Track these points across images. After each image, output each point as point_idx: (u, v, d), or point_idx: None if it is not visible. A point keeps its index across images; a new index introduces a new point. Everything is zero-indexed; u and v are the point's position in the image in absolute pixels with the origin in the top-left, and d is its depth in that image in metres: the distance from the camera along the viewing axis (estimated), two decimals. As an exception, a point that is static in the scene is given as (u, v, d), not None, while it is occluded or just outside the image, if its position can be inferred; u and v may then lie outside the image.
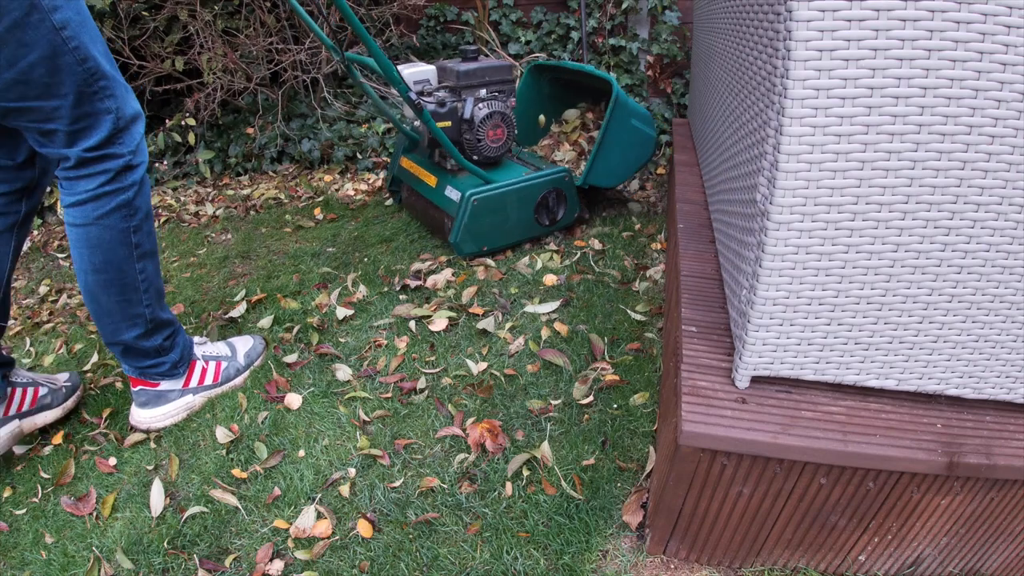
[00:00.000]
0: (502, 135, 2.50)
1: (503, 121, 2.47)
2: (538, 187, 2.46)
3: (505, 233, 2.50)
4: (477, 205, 2.32)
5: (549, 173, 2.50)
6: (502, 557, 1.36)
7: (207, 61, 3.23)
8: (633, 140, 2.62)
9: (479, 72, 2.37)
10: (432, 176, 2.56)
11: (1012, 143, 0.86)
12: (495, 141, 2.49)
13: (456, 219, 2.35)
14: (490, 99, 2.41)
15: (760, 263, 1.02)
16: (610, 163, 2.62)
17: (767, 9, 1.00)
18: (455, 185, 2.42)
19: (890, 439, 1.06)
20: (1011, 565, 1.24)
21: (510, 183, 2.40)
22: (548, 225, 2.59)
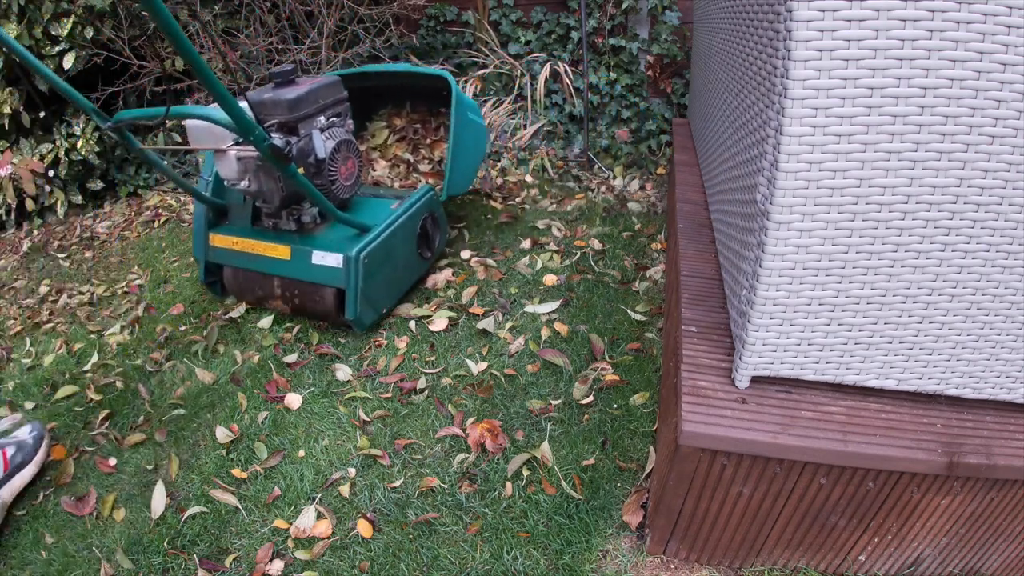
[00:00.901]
0: (354, 167, 2.13)
1: (351, 150, 2.11)
2: (416, 216, 2.16)
3: (396, 284, 2.16)
4: (369, 263, 1.94)
5: (419, 197, 2.19)
6: (502, 557, 1.36)
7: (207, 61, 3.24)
8: (475, 135, 2.43)
9: (312, 96, 1.94)
10: (279, 246, 2.04)
11: (1012, 143, 0.86)
12: (349, 177, 2.11)
13: (348, 289, 1.93)
14: (331, 127, 2.02)
15: (760, 263, 1.02)
16: (464, 166, 2.40)
17: (767, 9, 1.00)
18: (326, 247, 1.97)
19: (890, 439, 1.06)
20: (1011, 565, 1.24)
21: (389, 222, 2.05)
22: (428, 258, 2.31)
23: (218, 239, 2.17)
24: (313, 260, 1.98)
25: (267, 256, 2.08)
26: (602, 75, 3.47)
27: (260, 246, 2.08)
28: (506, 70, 3.60)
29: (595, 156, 3.39)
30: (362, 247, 1.93)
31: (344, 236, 2.02)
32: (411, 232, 2.15)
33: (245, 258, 2.13)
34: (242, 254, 2.13)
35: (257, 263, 2.11)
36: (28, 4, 2.86)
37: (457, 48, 3.85)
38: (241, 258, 2.14)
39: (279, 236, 2.09)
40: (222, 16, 3.31)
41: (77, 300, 2.59)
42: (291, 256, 2.02)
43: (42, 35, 2.93)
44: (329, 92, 2.02)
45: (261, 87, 2.05)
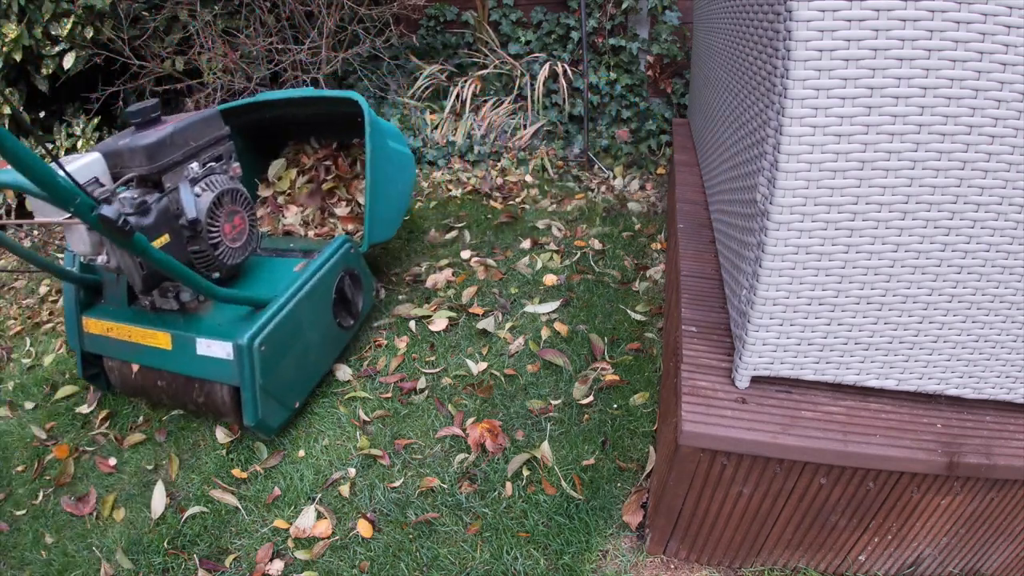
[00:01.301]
0: (243, 224, 1.71)
1: (238, 202, 1.69)
2: (330, 277, 1.77)
3: (310, 368, 1.76)
4: (268, 351, 1.53)
5: (331, 252, 1.79)
6: (502, 557, 1.36)
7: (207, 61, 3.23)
8: (399, 167, 2.07)
9: (179, 138, 1.55)
10: (159, 332, 1.63)
11: (1012, 143, 0.86)
12: (237, 237, 1.69)
13: (243, 387, 1.52)
14: (207, 175, 1.63)
15: (760, 263, 1.01)
16: (388, 206, 2.03)
17: (767, 9, 1.00)
18: (212, 332, 1.58)
19: (890, 439, 1.06)
20: (1011, 565, 1.24)
21: (292, 292, 1.64)
22: (351, 326, 1.92)
23: (92, 324, 1.73)
24: (198, 350, 1.56)
25: (145, 345, 1.64)
26: (602, 75, 3.47)
27: (137, 332, 1.64)
28: (506, 70, 3.60)
29: (595, 156, 3.39)
30: (256, 331, 1.51)
31: (237, 315, 1.63)
32: (324, 299, 1.75)
33: (123, 348, 1.70)
34: (119, 343, 1.70)
35: (136, 354, 1.68)
36: (28, 4, 2.86)
37: (457, 48, 3.85)
38: (119, 348, 1.71)
39: (159, 319, 1.66)
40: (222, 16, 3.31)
41: (77, 300, 2.58)
42: (172, 345, 1.60)
43: (42, 35, 2.93)
44: (203, 131, 1.64)
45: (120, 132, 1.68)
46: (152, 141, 1.49)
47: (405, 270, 2.48)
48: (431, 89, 3.71)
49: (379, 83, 3.74)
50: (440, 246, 2.66)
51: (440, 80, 3.71)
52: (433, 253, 2.60)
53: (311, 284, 1.71)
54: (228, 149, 1.77)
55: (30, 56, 2.97)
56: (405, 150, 2.13)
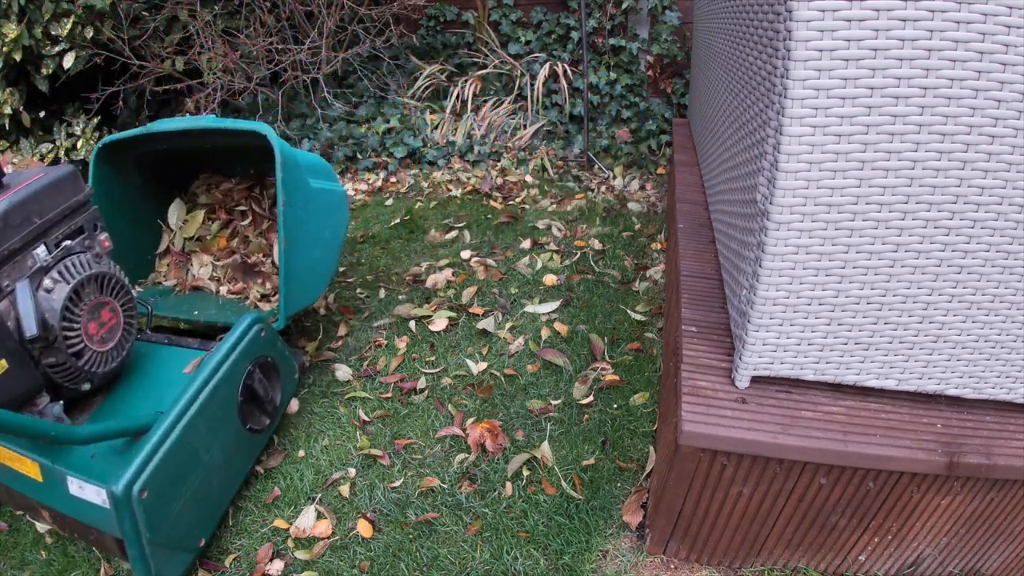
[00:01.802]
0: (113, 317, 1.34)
1: (106, 288, 1.34)
2: (233, 377, 1.40)
3: (216, 494, 1.40)
4: (151, 497, 1.18)
5: (233, 344, 1.41)
6: (502, 557, 1.36)
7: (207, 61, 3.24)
8: (325, 207, 1.70)
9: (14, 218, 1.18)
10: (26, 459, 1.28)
11: (1012, 143, 0.86)
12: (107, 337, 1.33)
13: (126, 543, 1.19)
14: (62, 259, 1.27)
15: (760, 263, 1.01)
16: (311, 262, 1.67)
17: (767, 9, 1.00)
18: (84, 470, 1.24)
19: (890, 439, 1.06)
20: (1011, 565, 1.24)
21: (181, 408, 1.28)
22: (268, 425, 1.53)
23: None
24: (71, 489, 1.23)
25: (13, 470, 1.31)
26: (602, 75, 3.47)
27: (3, 453, 1.30)
28: (506, 70, 3.60)
29: (595, 156, 3.39)
30: (134, 474, 1.15)
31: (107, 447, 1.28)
32: (226, 407, 1.38)
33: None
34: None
35: (7, 477, 1.34)
36: (28, 4, 2.86)
37: (457, 48, 3.85)
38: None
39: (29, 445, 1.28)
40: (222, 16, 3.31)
41: (77, 300, 2.58)
42: (42, 476, 1.26)
43: (42, 35, 2.93)
44: (52, 200, 1.26)
45: None
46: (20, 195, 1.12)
47: (405, 270, 2.48)
48: (431, 89, 3.71)
49: (379, 83, 3.74)
50: (440, 246, 2.66)
51: (440, 80, 3.71)
52: (433, 253, 2.60)
53: (207, 392, 1.32)
54: (91, 218, 1.37)
55: (30, 56, 2.97)
56: (334, 186, 1.73)
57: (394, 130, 3.56)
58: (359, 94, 3.80)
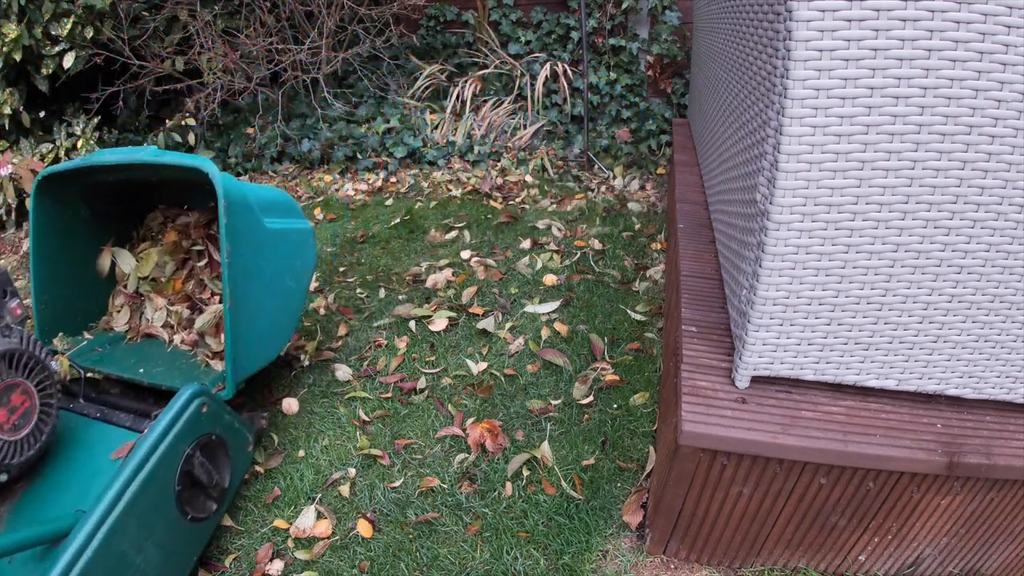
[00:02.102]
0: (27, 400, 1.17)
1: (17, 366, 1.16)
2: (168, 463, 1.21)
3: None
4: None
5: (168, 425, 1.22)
6: (502, 557, 1.36)
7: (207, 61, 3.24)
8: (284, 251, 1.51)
9: None
10: None
11: (1012, 143, 0.86)
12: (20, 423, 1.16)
13: None
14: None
15: (760, 263, 1.01)
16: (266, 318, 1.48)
17: (767, 9, 1.00)
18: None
19: (890, 439, 1.06)
20: (1011, 565, 1.24)
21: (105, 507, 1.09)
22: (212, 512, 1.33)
23: None
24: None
25: None
26: (602, 75, 3.47)
27: None
28: (506, 70, 3.60)
29: (595, 156, 3.39)
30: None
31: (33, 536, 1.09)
32: (162, 498, 1.20)
33: None
34: None
35: None
36: (28, 4, 2.86)
37: (457, 48, 3.85)
38: None
39: None
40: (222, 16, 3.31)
41: (77, 300, 2.58)
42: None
43: (42, 35, 2.93)
44: None
45: None
46: None
47: (405, 270, 2.48)
48: (431, 89, 3.71)
49: (379, 83, 3.74)
50: (440, 246, 2.66)
51: (440, 80, 3.71)
52: (433, 253, 2.60)
53: (136, 486, 1.12)
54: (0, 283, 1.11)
55: (30, 56, 2.97)
56: (296, 224, 1.50)
57: (394, 130, 3.56)
58: (359, 94, 3.80)
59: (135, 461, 1.14)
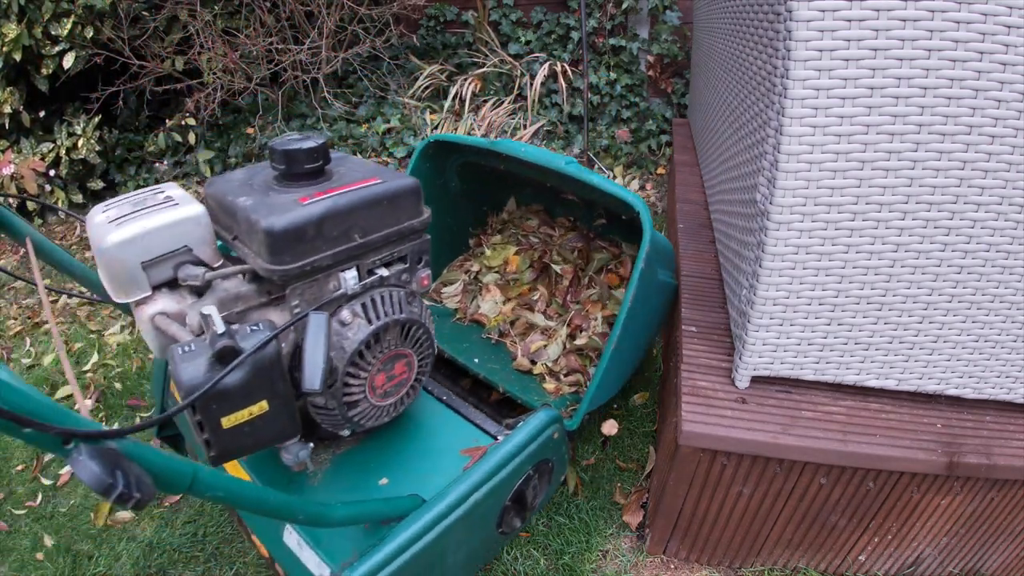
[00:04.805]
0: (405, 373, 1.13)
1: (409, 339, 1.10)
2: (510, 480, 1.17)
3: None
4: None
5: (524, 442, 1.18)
6: (502, 557, 1.36)
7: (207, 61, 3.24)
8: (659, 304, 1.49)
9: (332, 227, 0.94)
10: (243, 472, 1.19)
11: (1012, 143, 0.86)
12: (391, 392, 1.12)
13: None
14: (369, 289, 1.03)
15: (760, 263, 1.01)
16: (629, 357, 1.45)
17: (767, 9, 1.00)
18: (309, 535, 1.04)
19: (890, 439, 1.06)
20: (1011, 565, 1.24)
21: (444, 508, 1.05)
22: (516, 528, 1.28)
23: None
24: (284, 538, 1.07)
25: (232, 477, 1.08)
26: (602, 75, 3.47)
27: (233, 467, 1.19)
28: (506, 70, 3.60)
29: (595, 156, 3.39)
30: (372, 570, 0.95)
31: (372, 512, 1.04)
32: (492, 508, 1.17)
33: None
34: None
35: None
36: (28, 4, 2.86)
37: (457, 48, 3.85)
38: None
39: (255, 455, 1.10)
40: (222, 16, 3.31)
41: (77, 300, 2.59)
42: None
43: (42, 35, 2.93)
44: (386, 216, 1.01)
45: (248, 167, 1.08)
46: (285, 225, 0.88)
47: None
48: (431, 89, 3.71)
49: (379, 83, 3.74)
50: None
51: (440, 80, 3.71)
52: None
53: (480, 496, 1.09)
54: (419, 249, 1.08)
55: (30, 56, 2.98)
56: (671, 279, 1.47)
57: (394, 130, 3.56)
58: (359, 94, 3.80)
59: (486, 469, 1.11)
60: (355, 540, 1.01)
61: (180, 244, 0.91)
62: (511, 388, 1.44)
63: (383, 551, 0.96)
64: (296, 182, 0.98)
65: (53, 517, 1.56)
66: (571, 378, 1.50)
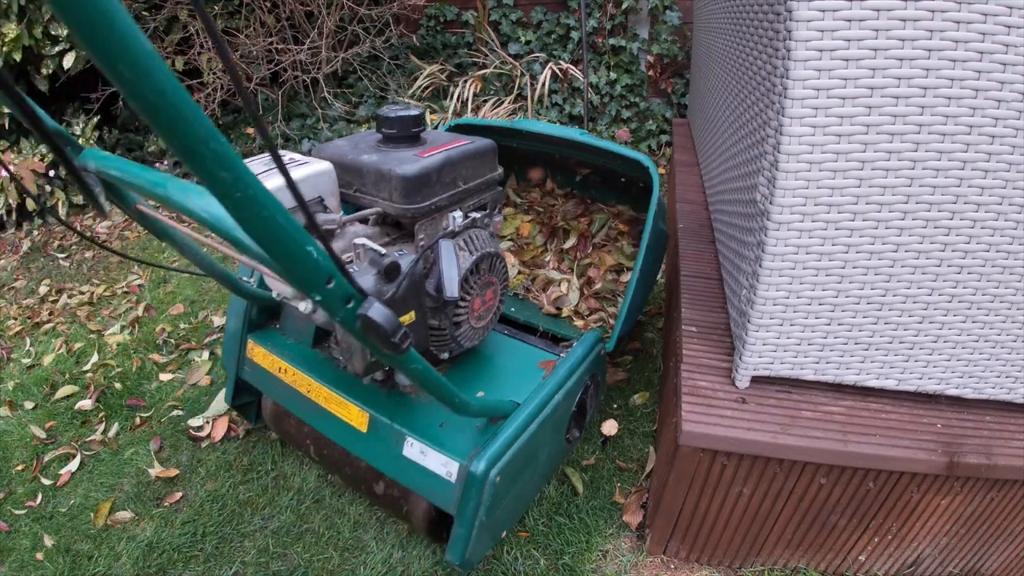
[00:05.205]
0: (493, 299, 1.35)
1: (495, 269, 1.32)
2: (575, 388, 1.38)
3: (528, 494, 1.38)
4: (501, 484, 1.15)
5: (583, 355, 1.40)
6: (502, 557, 1.36)
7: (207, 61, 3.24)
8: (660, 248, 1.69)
9: (447, 174, 1.18)
10: (352, 405, 1.28)
11: (1012, 143, 0.86)
12: (484, 315, 1.33)
13: (460, 519, 1.14)
14: (470, 228, 1.25)
15: (760, 263, 1.01)
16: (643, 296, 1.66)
17: (767, 9, 1.00)
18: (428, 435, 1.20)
19: (890, 439, 1.06)
20: (1011, 565, 1.24)
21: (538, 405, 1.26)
22: (576, 439, 1.49)
23: (259, 353, 1.43)
24: (405, 450, 1.20)
25: (329, 412, 1.31)
26: (602, 75, 3.47)
27: (321, 392, 1.31)
28: (506, 70, 3.60)
29: (595, 156, 3.39)
30: (495, 456, 1.13)
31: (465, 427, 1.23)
32: (564, 413, 1.36)
33: (294, 399, 1.37)
34: (292, 392, 1.37)
35: (313, 415, 1.34)
36: (28, 4, 2.86)
37: (457, 48, 3.85)
38: (289, 396, 1.38)
39: (352, 386, 1.30)
40: (222, 16, 3.31)
41: (77, 300, 2.59)
42: (368, 429, 1.25)
43: (42, 35, 2.93)
44: (477, 167, 1.25)
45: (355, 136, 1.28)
46: (416, 172, 1.09)
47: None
48: (431, 89, 3.71)
49: (379, 83, 3.74)
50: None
51: (440, 80, 3.71)
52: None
53: (560, 396, 1.30)
54: (497, 197, 1.32)
55: (30, 56, 2.98)
56: (664, 227, 1.67)
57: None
58: (359, 94, 3.80)
59: (561, 374, 1.34)
60: (469, 440, 1.19)
61: (316, 194, 1.07)
62: (549, 326, 1.67)
63: (499, 441, 1.15)
64: (401, 143, 1.20)
65: (53, 517, 1.56)
66: (594, 316, 1.76)
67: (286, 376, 1.37)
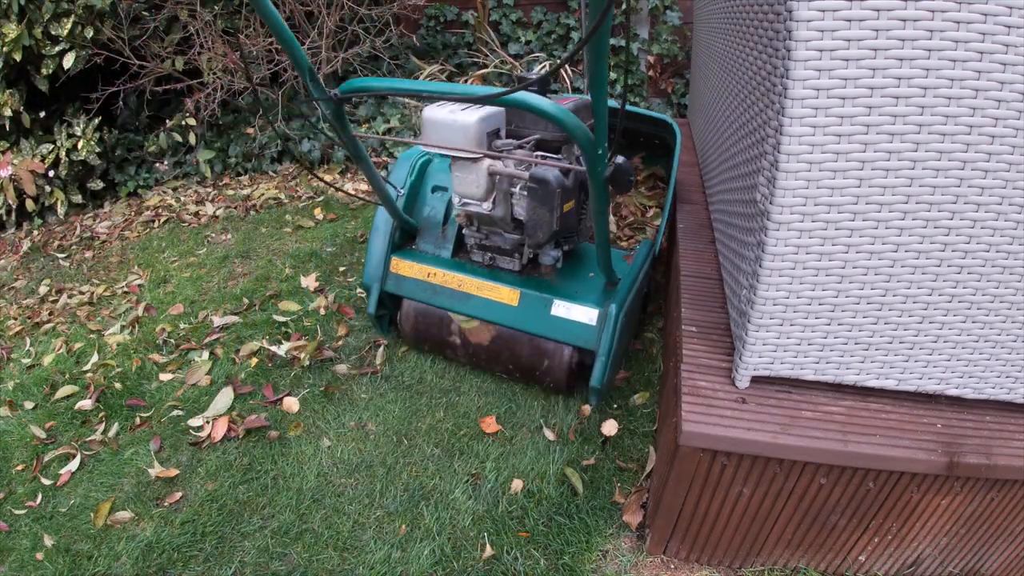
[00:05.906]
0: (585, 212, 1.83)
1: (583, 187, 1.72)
2: (644, 275, 1.80)
3: (626, 343, 1.80)
4: (624, 321, 1.59)
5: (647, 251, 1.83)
6: (502, 557, 1.36)
7: (207, 61, 3.24)
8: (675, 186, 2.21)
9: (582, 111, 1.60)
10: (502, 287, 1.69)
11: (1012, 143, 0.86)
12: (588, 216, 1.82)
13: (599, 352, 1.57)
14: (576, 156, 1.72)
15: (760, 263, 1.01)
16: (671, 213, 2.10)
17: (767, 9, 1.00)
18: (572, 297, 1.64)
19: (890, 439, 1.06)
20: (1011, 565, 1.24)
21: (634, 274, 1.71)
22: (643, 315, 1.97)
23: (403, 266, 1.80)
24: (553, 311, 1.62)
25: (482, 298, 1.69)
26: (602, 75, 3.47)
27: (472, 284, 1.70)
28: (506, 70, 3.60)
29: (595, 156, 3.39)
30: (621, 301, 1.57)
31: (590, 287, 1.70)
32: (643, 288, 1.81)
33: (445, 296, 1.74)
34: (442, 291, 1.75)
35: (464, 304, 1.72)
36: (28, 4, 2.86)
37: (457, 48, 3.85)
38: (439, 295, 1.76)
39: (497, 275, 1.72)
40: (222, 16, 3.31)
41: (77, 300, 2.59)
42: (519, 303, 1.65)
43: (42, 35, 2.93)
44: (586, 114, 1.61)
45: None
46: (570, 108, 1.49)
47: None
48: (431, 89, 3.70)
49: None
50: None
51: (440, 80, 3.71)
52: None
53: (641, 273, 1.74)
54: None
55: (30, 56, 2.98)
56: None
57: (394, 130, 3.56)
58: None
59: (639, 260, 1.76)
60: (597, 299, 1.64)
61: (496, 126, 1.52)
62: None
63: (620, 294, 1.60)
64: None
65: (53, 517, 1.56)
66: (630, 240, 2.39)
67: (436, 279, 1.76)
